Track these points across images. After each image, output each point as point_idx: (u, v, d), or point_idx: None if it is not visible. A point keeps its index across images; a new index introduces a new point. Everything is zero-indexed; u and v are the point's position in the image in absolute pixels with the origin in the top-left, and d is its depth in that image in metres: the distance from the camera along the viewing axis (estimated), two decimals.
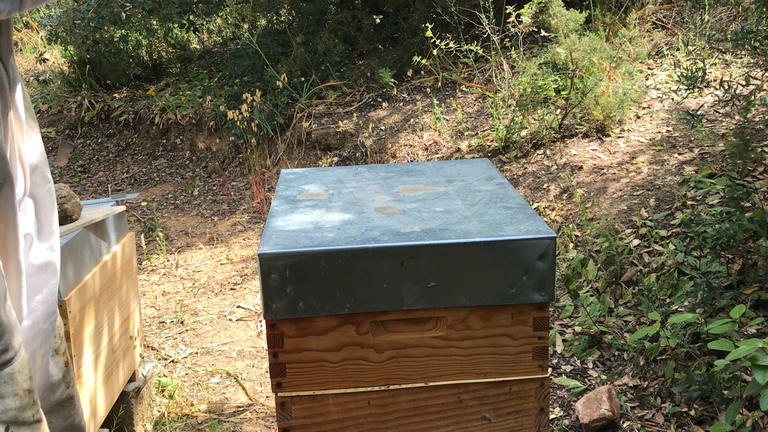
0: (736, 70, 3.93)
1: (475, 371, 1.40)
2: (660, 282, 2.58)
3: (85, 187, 5.30)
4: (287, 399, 1.39)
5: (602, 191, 3.29)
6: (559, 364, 2.51)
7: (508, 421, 1.43)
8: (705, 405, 2.10)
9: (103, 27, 5.60)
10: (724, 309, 2.30)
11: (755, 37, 2.53)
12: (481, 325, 1.37)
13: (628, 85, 3.81)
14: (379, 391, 1.39)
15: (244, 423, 2.44)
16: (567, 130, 3.90)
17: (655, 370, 2.31)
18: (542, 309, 1.37)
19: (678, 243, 2.68)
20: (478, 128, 4.35)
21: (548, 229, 1.35)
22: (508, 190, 1.61)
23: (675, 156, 3.35)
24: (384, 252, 1.31)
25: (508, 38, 4.66)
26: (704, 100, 3.73)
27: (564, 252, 3.07)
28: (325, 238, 1.36)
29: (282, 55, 5.55)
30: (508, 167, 3.89)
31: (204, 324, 3.21)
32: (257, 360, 2.88)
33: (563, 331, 2.69)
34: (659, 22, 4.79)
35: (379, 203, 1.56)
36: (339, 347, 1.37)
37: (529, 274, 1.34)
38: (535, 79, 4.02)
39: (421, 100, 4.85)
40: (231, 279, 3.67)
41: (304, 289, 1.32)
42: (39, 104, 6.15)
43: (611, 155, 3.58)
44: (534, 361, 1.40)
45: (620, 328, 2.53)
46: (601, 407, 2.13)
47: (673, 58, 4.31)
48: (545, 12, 4.20)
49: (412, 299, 1.34)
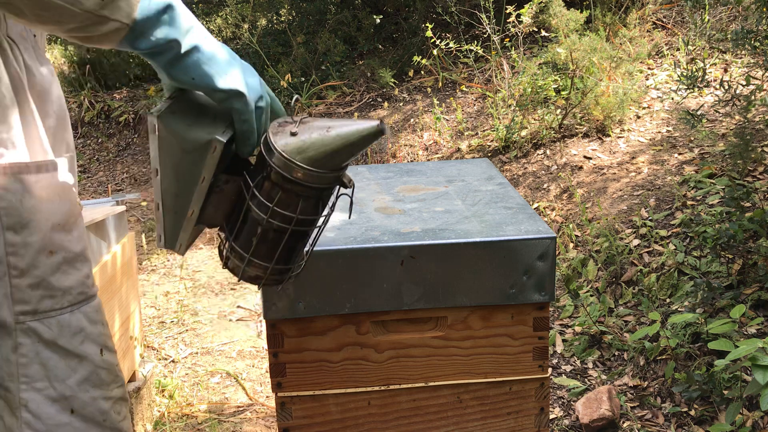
0: (737, 70, 3.93)
1: (475, 371, 1.40)
2: (660, 282, 2.58)
3: (85, 187, 5.30)
4: (287, 399, 1.39)
5: (602, 191, 3.29)
6: (559, 364, 2.51)
7: (508, 421, 1.43)
8: (705, 405, 2.10)
9: None
10: (724, 309, 2.30)
11: (755, 37, 2.53)
12: (481, 325, 1.37)
13: (629, 85, 3.81)
14: (379, 391, 1.39)
15: (244, 423, 2.44)
16: (567, 130, 3.90)
17: (655, 370, 2.31)
18: (542, 309, 1.37)
19: (678, 243, 2.68)
20: (478, 128, 4.35)
21: (548, 229, 1.35)
22: (508, 190, 1.61)
23: (675, 156, 3.35)
24: (384, 252, 1.31)
25: (508, 38, 4.66)
26: (704, 100, 3.73)
27: (564, 252, 3.07)
28: (325, 238, 1.36)
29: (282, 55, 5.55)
30: (508, 167, 3.89)
31: (204, 324, 3.21)
32: (257, 360, 2.88)
33: (563, 331, 2.69)
34: (659, 22, 4.79)
35: (379, 203, 1.56)
36: (339, 347, 1.37)
37: (529, 274, 1.34)
38: (535, 79, 4.02)
39: (422, 100, 4.85)
40: (231, 279, 3.67)
41: (304, 289, 1.32)
42: None
43: (611, 155, 3.58)
44: (534, 361, 1.40)
45: (620, 328, 2.53)
46: (601, 407, 2.13)
47: (673, 58, 4.31)
48: (545, 12, 4.21)
49: (412, 299, 1.34)
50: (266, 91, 1.08)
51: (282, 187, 1.07)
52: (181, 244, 1.14)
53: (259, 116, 1.06)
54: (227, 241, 1.13)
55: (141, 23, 0.96)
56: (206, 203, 1.11)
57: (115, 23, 0.94)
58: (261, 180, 1.08)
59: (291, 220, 1.08)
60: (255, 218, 1.10)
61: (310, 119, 1.09)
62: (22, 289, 1.11)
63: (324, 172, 1.05)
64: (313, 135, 1.05)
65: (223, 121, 1.07)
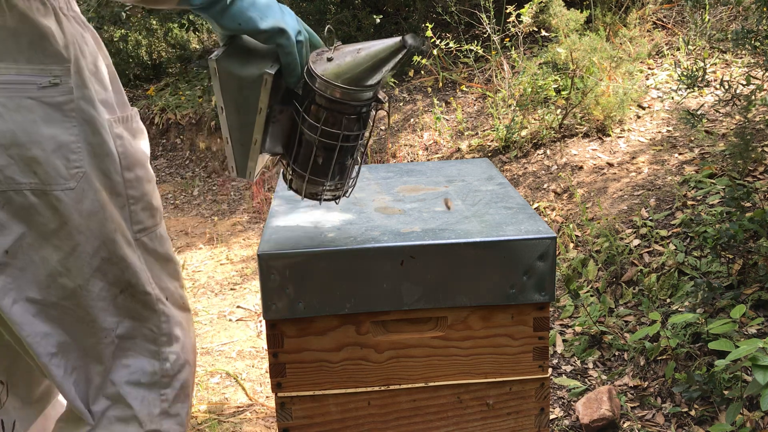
0: (737, 70, 3.93)
1: (475, 371, 1.40)
2: (660, 282, 2.58)
3: None
4: (287, 399, 1.39)
5: (602, 191, 3.29)
6: (559, 365, 2.51)
7: (508, 421, 1.43)
8: (705, 405, 2.10)
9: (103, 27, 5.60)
10: (724, 309, 2.30)
11: (756, 37, 2.53)
12: (481, 325, 1.37)
13: (629, 85, 3.81)
14: (379, 391, 1.39)
15: (244, 423, 2.44)
16: (567, 130, 3.90)
17: (655, 370, 2.31)
18: (542, 309, 1.37)
19: (678, 243, 2.68)
20: (479, 128, 4.35)
21: (548, 229, 1.35)
22: (509, 190, 1.61)
23: (675, 156, 3.35)
24: (384, 252, 1.31)
25: (509, 38, 4.66)
26: (704, 99, 3.73)
27: (564, 252, 3.06)
28: (325, 238, 1.36)
29: None
30: (509, 167, 3.89)
31: (204, 324, 3.21)
32: (257, 360, 2.87)
33: (563, 331, 2.69)
34: (660, 22, 4.79)
35: (379, 203, 1.56)
36: (339, 347, 1.37)
37: (529, 274, 1.34)
38: (536, 78, 4.02)
39: (422, 100, 4.85)
40: (231, 279, 3.67)
41: (304, 289, 1.32)
42: None
43: (611, 155, 3.58)
44: (534, 361, 1.40)
45: (620, 328, 2.52)
46: (601, 407, 2.13)
47: (673, 58, 4.31)
48: (545, 12, 4.20)
49: (412, 299, 1.34)
50: (303, 27, 1.26)
51: (326, 107, 1.24)
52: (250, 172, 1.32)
53: (300, 49, 1.24)
54: (288, 164, 1.33)
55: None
56: (266, 133, 1.29)
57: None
58: (308, 105, 1.26)
59: (337, 136, 1.25)
60: (308, 140, 1.28)
61: (342, 46, 1.26)
62: (137, 212, 1.38)
63: (360, 89, 1.22)
64: (347, 59, 1.22)
65: (271, 58, 1.25)
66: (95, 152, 1.27)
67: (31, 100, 1.19)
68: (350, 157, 1.31)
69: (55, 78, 1.21)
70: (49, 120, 1.21)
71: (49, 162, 1.21)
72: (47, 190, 1.22)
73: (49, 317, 1.28)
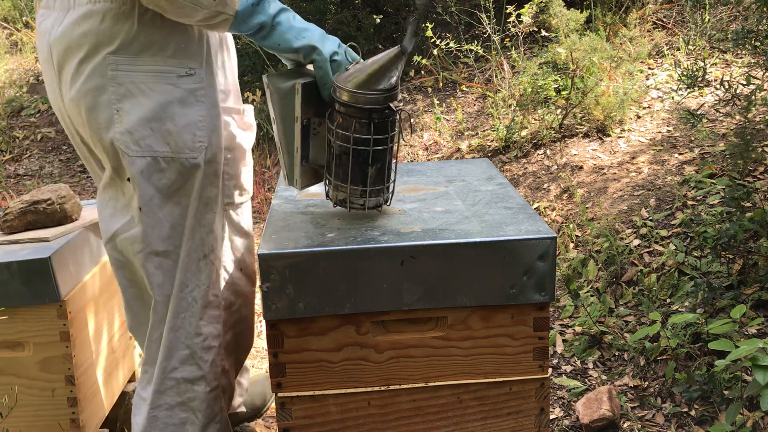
0: (737, 70, 3.93)
1: (475, 371, 1.40)
2: (660, 282, 2.58)
3: (85, 187, 5.30)
4: (287, 399, 1.39)
5: (602, 191, 3.29)
6: (559, 365, 2.51)
7: (508, 421, 1.43)
8: (705, 405, 2.10)
9: None
10: (724, 309, 2.30)
11: (756, 37, 2.53)
12: (481, 325, 1.37)
13: (629, 85, 3.81)
14: (379, 391, 1.39)
15: (245, 423, 2.43)
16: (567, 130, 3.90)
17: (655, 370, 2.31)
18: (542, 309, 1.37)
19: (678, 243, 2.68)
20: (479, 128, 4.35)
21: (548, 229, 1.35)
22: (509, 190, 1.61)
23: (675, 156, 3.35)
24: (384, 252, 1.31)
25: (509, 38, 4.66)
26: (705, 99, 3.73)
27: (564, 252, 3.06)
28: (325, 238, 1.36)
29: None
30: (509, 167, 3.89)
31: None
32: (257, 360, 2.87)
33: (563, 331, 2.69)
34: (660, 22, 4.79)
35: None
36: (339, 347, 1.37)
37: (529, 274, 1.34)
38: (536, 79, 4.02)
39: (422, 100, 4.85)
40: None
41: (304, 289, 1.32)
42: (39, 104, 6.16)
43: (612, 155, 3.58)
44: (534, 361, 1.40)
45: (620, 328, 2.52)
46: (601, 407, 2.13)
47: (673, 58, 4.31)
48: (545, 12, 4.20)
49: (412, 299, 1.34)
50: (344, 51, 1.44)
51: (339, 112, 1.36)
52: (296, 180, 1.45)
53: (334, 66, 1.40)
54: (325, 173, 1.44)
55: (241, 14, 1.38)
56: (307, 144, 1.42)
57: (225, 15, 1.37)
58: (330, 112, 1.39)
59: (348, 139, 1.35)
60: (330, 145, 1.39)
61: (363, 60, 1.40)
62: (229, 188, 1.67)
63: (364, 92, 1.32)
64: (357, 66, 1.36)
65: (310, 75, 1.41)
66: (213, 131, 1.53)
67: (171, 85, 1.46)
68: (370, 165, 1.38)
69: (190, 70, 1.48)
70: (183, 102, 1.48)
71: (180, 135, 1.47)
72: (175, 157, 1.48)
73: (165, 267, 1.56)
